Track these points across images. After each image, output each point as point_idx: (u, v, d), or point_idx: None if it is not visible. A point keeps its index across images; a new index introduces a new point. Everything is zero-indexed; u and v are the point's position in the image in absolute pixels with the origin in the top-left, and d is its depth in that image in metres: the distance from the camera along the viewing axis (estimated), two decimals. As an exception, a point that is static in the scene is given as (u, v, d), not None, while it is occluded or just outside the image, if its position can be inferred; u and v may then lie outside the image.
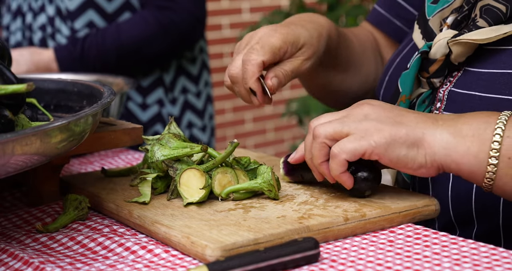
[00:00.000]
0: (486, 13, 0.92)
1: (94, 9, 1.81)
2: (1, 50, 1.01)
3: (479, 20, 0.92)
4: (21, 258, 0.78)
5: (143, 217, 0.84)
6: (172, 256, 0.78)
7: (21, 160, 0.74)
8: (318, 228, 0.79)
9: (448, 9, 0.99)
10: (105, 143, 1.00)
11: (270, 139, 4.41)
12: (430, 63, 0.96)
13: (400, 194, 0.89)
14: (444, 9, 1.00)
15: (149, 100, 1.87)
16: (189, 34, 1.84)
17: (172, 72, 1.90)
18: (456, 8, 0.98)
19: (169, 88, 1.90)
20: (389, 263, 0.74)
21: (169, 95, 1.90)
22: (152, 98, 1.88)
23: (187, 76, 1.93)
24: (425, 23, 1.02)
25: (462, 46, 0.92)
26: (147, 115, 1.88)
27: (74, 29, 1.81)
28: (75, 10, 1.80)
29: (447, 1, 1.00)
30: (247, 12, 4.22)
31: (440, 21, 1.00)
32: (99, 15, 1.81)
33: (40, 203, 0.97)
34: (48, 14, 1.82)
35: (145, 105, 1.87)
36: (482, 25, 0.92)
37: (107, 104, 0.87)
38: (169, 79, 1.90)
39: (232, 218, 0.82)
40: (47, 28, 1.83)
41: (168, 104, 1.90)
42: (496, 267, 0.72)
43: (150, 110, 1.88)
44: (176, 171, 0.90)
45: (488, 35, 0.90)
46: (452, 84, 0.95)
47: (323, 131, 0.83)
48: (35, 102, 0.88)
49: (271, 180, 0.88)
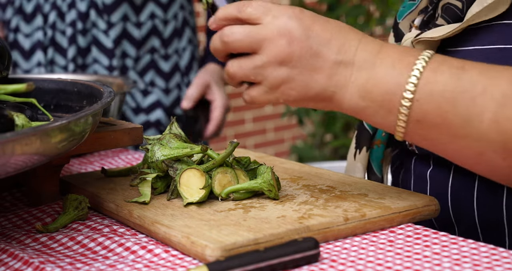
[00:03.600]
0: (445, 11, 0.93)
1: (127, 2, 1.85)
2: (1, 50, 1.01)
3: (439, 19, 0.93)
4: (21, 258, 0.78)
5: (143, 217, 0.84)
6: (172, 256, 0.78)
7: (21, 160, 0.74)
8: (318, 228, 0.79)
9: (415, 11, 1.00)
10: (105, 143, 1.00)
11: (270, 139, 4.41)
12: None
13: (400, 194, 0.89)
14: (412, 11, 1.01)
15: (170, 85, 1.90)
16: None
17: (187, 58, 1.94)
18: (422, 9, 0.99)
19: (184, 73, 1.93)
20: (389, 263, 0.74)
21: (185, 79, 1.93)
22: (173, 83, 1.91)
23: (197, 61, 2.00)
24: (396, 27, 1.03)
25: (424, 45, 0.93)
26: (169, 100, 1.91)
27: (110, 23, 1.83)
28: (111, 4, 1.84)
29: (414, 4, 1.01)
30: (247, 12, 4.21)
31: (409, 23, 1.01)
32: (130, 8, 1.86)
33: (40, 203, 0.97)
34: (79, 9, 1.84)
35: (168, 90, 1.90)
36: (441, 23, 0.93)
37: (107, 104, 0.87)
38: (184, 64, 1.94)
39: (232, 218, 0.82)
40: (77, 24, 1.84)
41: (185, 88, 1.94)
42: (496, 267, 0.72)
43: (172, 94, 1.92)
44: (176, 171, 0.90)
45: (441, 32, 0.91)
46: None
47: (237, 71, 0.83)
48: (35, 102, 0.88)
49: (271, 180, 0.88)
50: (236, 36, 0.81)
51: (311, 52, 0.80)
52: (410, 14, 1.02)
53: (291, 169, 1.03)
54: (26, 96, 0.92)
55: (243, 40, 0.81)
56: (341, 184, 0.94)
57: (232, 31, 0.82)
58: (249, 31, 0.81)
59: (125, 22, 1.85)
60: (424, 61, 0.79)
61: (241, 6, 0.82)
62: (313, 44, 0.80)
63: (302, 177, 0.98)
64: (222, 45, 0.83)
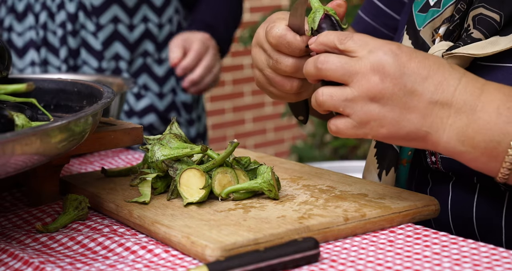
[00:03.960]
0: (479, 23, 0.90)
1: (117, 4, 1.83)
2: (1, 50, 1.01)
3: (474, 31, 0.90)
4: (21, 258, 0.78)
5: (143, 217, 0.84)
6: (172, 256, 0.78)
7: (21, 160, 0.74)
8: (318, 228, 0.79)
9: (439, 19, 0.97)
10: (105, 143, 1.00)
11: (270, 139, 4.41)
12: None
13: (400, 194, 0.89)
14: (435, 19, 0.97)
15: (164, 89, 1.89)
16: None
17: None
18: (447, 17, 0.96)
19: (180, 77, 1.93)
20: (389, 263, 0.74)
21: (180, 84, 1.93)
22: (167, 87, 1.90)
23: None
24: (416, 34, 0.99)
25: (457, 59, 0.90)
26: (163, 104, 1.90)
27: (99, 25, 1.82)
28: (100, 6, 1.82)
29: (437, 11, 0.98)
30: (247, 12, 4.21)
31: (431, 32, 0.98)
32: (122, 10, 1.84)
33: (40, 203, 0.97)
34: (68, 11, 1.83)
35: (162, 94, 1.89)
36: (478, 37, 0.90)
37: (107, 104, 0.87)
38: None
39: (232, 218, 0.82)
40: (67, 25, 1.84)
41: (180, 92, 1.93)
42: (496, 267, 0.72)
43: (166, 99, 1.90)
44: (176, 171, 0.90)
45: (484, 50, 0.88)
46: None
47: (327, 100, 0.80)
48: (35, 102, 0.88)
49: (271, 180, 0.88)
50: (330, 65, 0.79)
51: (405, 90, 0.77)
52: (432, 21, 0.98)
53: (291, 169, 1.03)
54: (26, 96, 0.92)
55: (336, 70, 0.79)
56: (341, 184, 0.94)
57: (328, 59, 0.80)
58: (344, 63, 0.79)
59: (116, 24, 1.83)
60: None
61: (343, 37, 0.80)
62: (407, 81, 0.77)
63: (302, 177, 0.98)
64: (315, 71, 0.81)
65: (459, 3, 0.94)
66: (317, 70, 0.81)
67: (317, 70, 0.81)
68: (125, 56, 1.85)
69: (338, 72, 0.79)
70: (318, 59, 0.81)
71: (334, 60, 0.79)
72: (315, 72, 0.81)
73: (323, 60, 0.80)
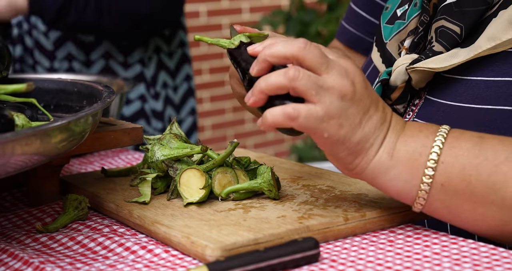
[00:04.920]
0: (441, 35, 0.91)
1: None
2: (1, 50, 1.01)
3: (435, 44, 0.91)
4: (21, 258, 0.78)
5: (143, 217, 0.84)
6: (172, 256, 0.78)
7: (21, 160, 0.74)
8: (318, 228, 0.79)
9: (404, 32, 0.97)
10: (105, 143, 1.00)
11: (270, 139, 4.41)
12: (391, 90, 0.95)
13: (400, 194, 0.89)
14: (401, 32, 0.98)
15: (131, 96, 1.87)
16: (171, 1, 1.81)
17: (153, 67, 1.89)
18: (412, 30, 0.96)
19: (150, 84, 1.89)
20: (389, 263, 0.74)
21: (151, 91, 1.89)
22: (134, 94, 1.87)
23: (166, 71, 1.93)
24: (383, 47, 1.00)
25: (420, 73, 0.91)
26: (130, 110, 1.87)
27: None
28: None
29: (402, 23, 0.98)
30: (247, 12, 4.22)
31: (397, 44, 0.98)
32: None
33: (40, 203, 0.97)
34: None
35: (128, 100, 1.86)
36: (439, 50, 0.90)
37: (107, 104, 0.87)
38: (150, 74, 1.89)
39: (232, 218, 0.82)
40: (23, 25, 1.83)
41: (151, 99, 1.89)
42: (496, 267, 0.72)
43: (133, 106, 1.87)
44: (176, 171, 0.90)
45: (443, 63, 0.89)
46: (414, 114, 0.94)
47: (303, 77, 0.76)
48: (35, 102, 0.88)
49: (271, 180, 0.88)
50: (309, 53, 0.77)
51: (371, 99, 0.79)
52: (398, 34, 0.98)
53: (291, 169, 1.03)
54: (26, 96, 0.92)
55: (315, 58, 0.77)
56: (341, 184, 0.94)
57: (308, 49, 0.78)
58: (321, 55, 0.77)
59: None
60: (446, 130, 0.79)
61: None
62: (373, 94, 0.79)
63: (302, 177, 0.98)
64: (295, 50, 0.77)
65: (423, 15, 0.95)
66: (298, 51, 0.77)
67: (298, 51, 0.77)
68: (80, 57, 1.82)
69: (317, 59, 0.77)
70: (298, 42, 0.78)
71: (314, 51, 0.77)
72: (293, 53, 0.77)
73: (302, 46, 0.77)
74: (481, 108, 0.88)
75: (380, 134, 0.79)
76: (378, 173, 0.79)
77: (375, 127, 0.79)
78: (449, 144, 0.78)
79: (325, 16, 3.31)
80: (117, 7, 1.73)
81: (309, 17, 3.33)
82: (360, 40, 1.19)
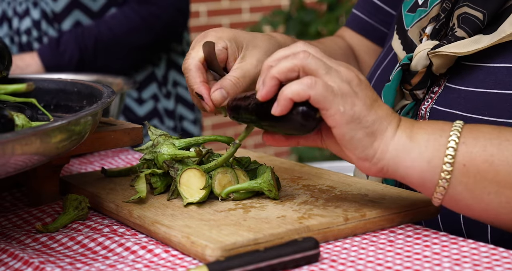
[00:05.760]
0: (464, 22, 0.91)
1: (80, 9, 1.80)
2: (1, 50, 1.01)
3: (458, 29, 0.91)
4: (21, 258, 0.78)
5: (143, 217, 0.84)
6: (172, 256, 0.78)
7: (21, 160, 0.74)
8: (318, 228, 0.79)
9: (426, 19, 0.98)
10: (105, 143, 1.00)
11: (270, 139, 4.40)
12: (411, 75, 0.95)
13: (400, 194, 0.89)
14: (422, 19, 0.98)
15: (144, 95, 1.87)
16: (172, 25, 1.84)
17: (163, 67, 1.90)
18: (434, 17, 0.97)
19: (162, 83, 1.89)
20: (389, 263, 0.74)
21: (163, 90, 1.90)
22: (147, 94, 1.88)
23: (176, 70, 1.94)
24: (404, 34, 1.00)
25: (442, 58, 0.91)
26: (144, 110, 1.88)
27: (62, 31, 1.81)
28: (61, 12, 1.80)
29: (424, 11, 0.98)
30: (247, 12, 4.21)
31: (419, 31, 0.98)
32: (85, 14, 1.81)
33: (40, 203, 0.97)
34: (33, 17, 1.82)
35: (141, 100, 1.87)
36: (461, 35, 0.91)
37: (107, 104, 0.87)
38: (161, 74, 1.90)
39: (232, 218, 0.82)
40: (32, 32, 1.82)
41: (163, 98, 1.90)
42: (496, 267, 0.72)
43: (147, 105, 1.88)
44: (176, 171, 0.90)
45: (466, 48, 0.89)
46: (433, 101, 0.94)
47: (314, 54, 0.77)
48: (35, 102, 0.88)
49: (271, 180, 0.88)
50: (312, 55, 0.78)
51: (376, 94, 0.79)
52: (419, 21, 0.98)
53: (291, 169, 1.03)
54: (26, 96, 0.92)
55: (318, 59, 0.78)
56: (341, 184, 0.94)
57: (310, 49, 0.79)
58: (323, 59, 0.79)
59: None
60: (461, 124, 0.78)
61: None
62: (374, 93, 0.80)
63: (302, 177, 0.98)
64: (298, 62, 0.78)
65: (445, 2, 0.95)
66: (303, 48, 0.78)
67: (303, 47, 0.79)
68: None
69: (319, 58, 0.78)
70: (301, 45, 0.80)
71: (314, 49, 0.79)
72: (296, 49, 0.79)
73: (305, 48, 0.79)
74: (503, 93, 0.88)
75: (393, 120, 0.79)
76: (401, 154, 0.78)
77: (387, 114, 0.79)
78: (468, 128, 0.78)
79: (325, 16, 3.31)
80: (124, 43, 1.78)
81: (309, 17, 3.33)
82: (374, 29, 1.19)
